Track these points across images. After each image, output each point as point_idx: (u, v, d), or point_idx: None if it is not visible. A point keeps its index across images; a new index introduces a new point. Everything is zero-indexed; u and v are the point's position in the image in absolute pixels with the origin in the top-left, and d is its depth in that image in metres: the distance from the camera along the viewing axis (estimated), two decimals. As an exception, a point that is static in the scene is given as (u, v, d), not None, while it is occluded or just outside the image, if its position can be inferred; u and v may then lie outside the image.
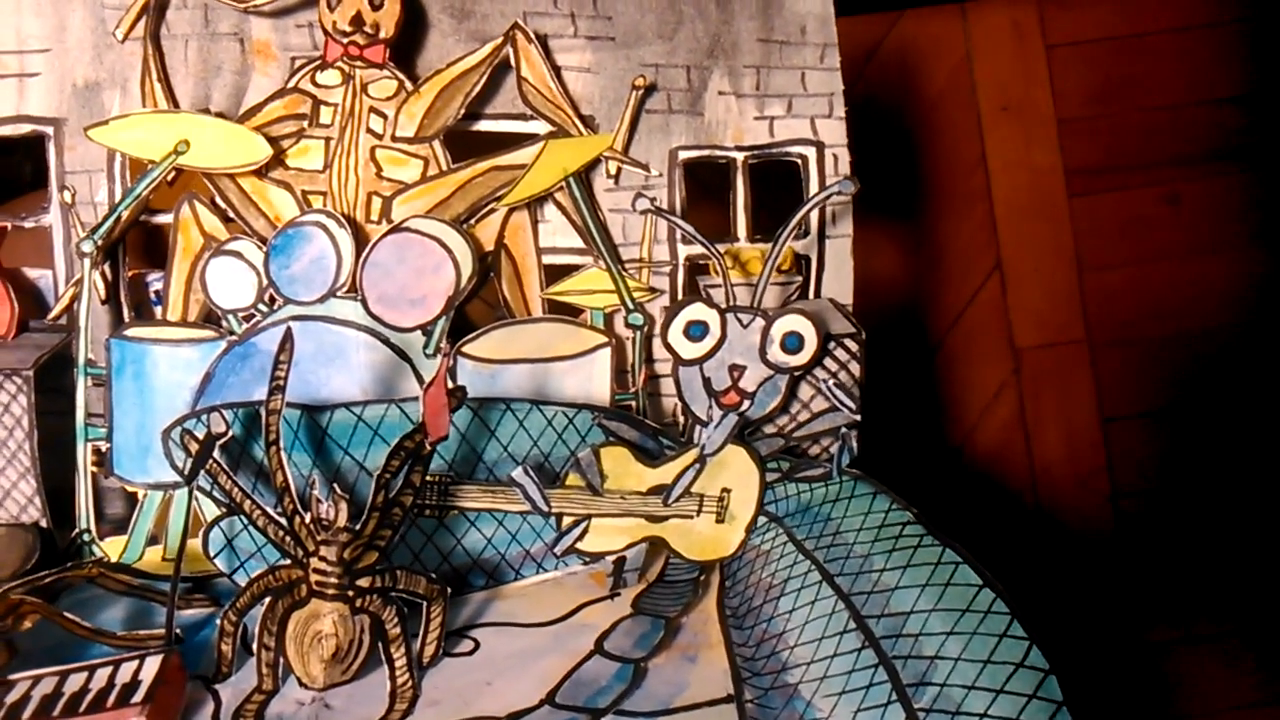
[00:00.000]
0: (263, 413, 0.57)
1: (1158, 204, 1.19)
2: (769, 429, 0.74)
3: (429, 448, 0.58)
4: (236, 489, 0.58)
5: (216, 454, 0.59)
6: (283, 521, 0.57)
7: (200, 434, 0.61)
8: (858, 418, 0.68)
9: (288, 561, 0.57)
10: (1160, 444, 1.21)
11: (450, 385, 0.59)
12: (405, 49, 0.75)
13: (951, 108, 1.15)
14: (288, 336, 0.58)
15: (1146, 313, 1.20)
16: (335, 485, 0.56)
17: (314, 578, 0.56)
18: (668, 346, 0.71)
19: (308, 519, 0.56)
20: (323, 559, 0.55)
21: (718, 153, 0.80)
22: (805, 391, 0.75)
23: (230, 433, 0.59)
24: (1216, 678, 1.14)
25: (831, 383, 0.69)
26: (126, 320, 0.76)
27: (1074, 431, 1.21)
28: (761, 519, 0.71)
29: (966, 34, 1.16)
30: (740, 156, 0.80)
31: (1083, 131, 1.18)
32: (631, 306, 0.78)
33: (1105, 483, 1.20)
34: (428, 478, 0.62)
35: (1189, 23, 1.19)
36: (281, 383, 0.57)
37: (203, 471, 0.59)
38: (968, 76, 1.15)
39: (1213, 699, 1.13)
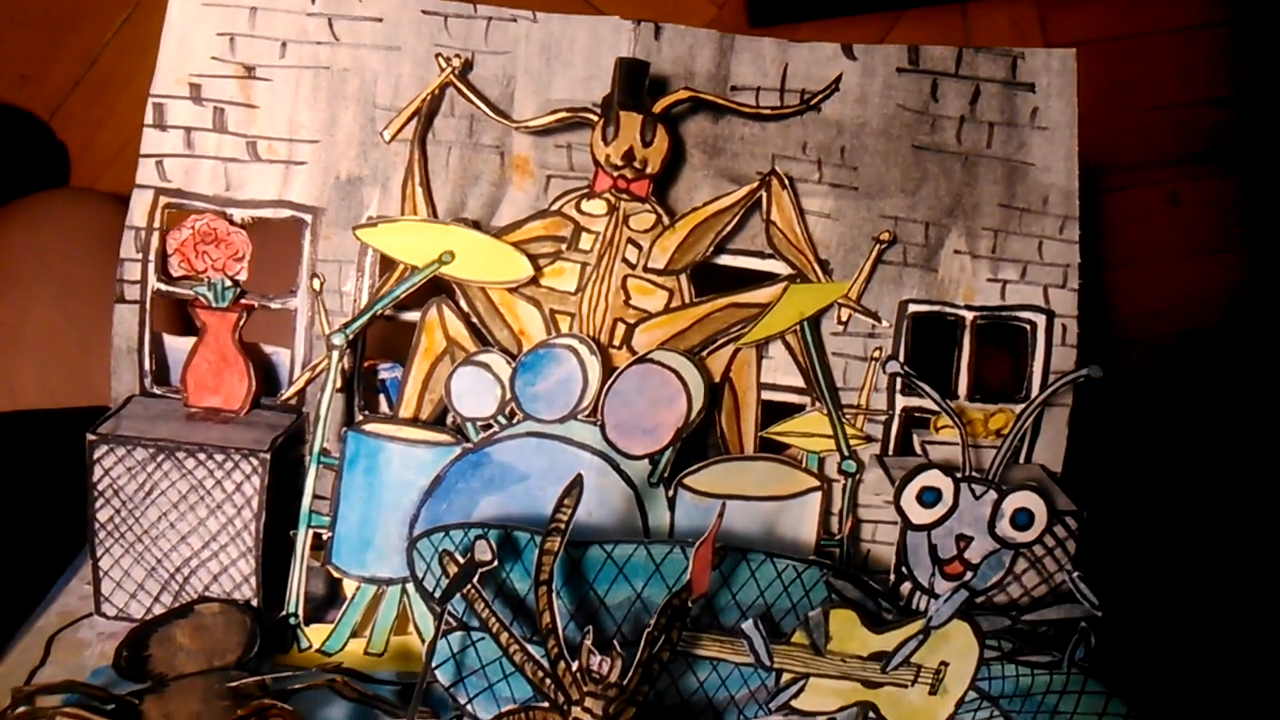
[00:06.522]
0: (536, 552, 0.58)
1: (1158, 204, 1.18)
2: (980, 599, 0.73)
3: (691, 605, 0.58)
4: (495, 620, 0.59)
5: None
6: (545, 664, 0.57)
7: (458, 554, 0.61)
8: (1099, 614, 0.67)
9: (543, 703, 0.58)
10: (1159, 444, 1.17)
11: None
12: (659, 181, 0.77)
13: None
14: (577, 482, 0.59)
15: (1146, 312, 1.18)
16: (616, 643, 0.56)
17: (573, 726, 0.56)
18: (899, 509, 0.71)
19: (574, 667, 0.57)
20: (587, 710, 0.56)
21: (947, 309, 0.80)
22: (1019, 564, 0.75)
23: (495, 563, 0.59)
24: (1216, 677, 1.10)
25: (1077, 574, 0.69)
26: (358, 409, 0.78)
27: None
28: (972, 694, 0.70)
29: (967, 34, 1.16)
30: (970, 315, 0.80)
31: (1083, 131, 1.21)
32: (847, 453, 0.78)
33: (1103, 481, 1.18)
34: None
35: (1188, 23, 1.18)
36: (563, 526, 0.58)
37: (458, 595, 0.60)
38: (968, 77, 1.16)
39: (1215, 699, 1.09)
